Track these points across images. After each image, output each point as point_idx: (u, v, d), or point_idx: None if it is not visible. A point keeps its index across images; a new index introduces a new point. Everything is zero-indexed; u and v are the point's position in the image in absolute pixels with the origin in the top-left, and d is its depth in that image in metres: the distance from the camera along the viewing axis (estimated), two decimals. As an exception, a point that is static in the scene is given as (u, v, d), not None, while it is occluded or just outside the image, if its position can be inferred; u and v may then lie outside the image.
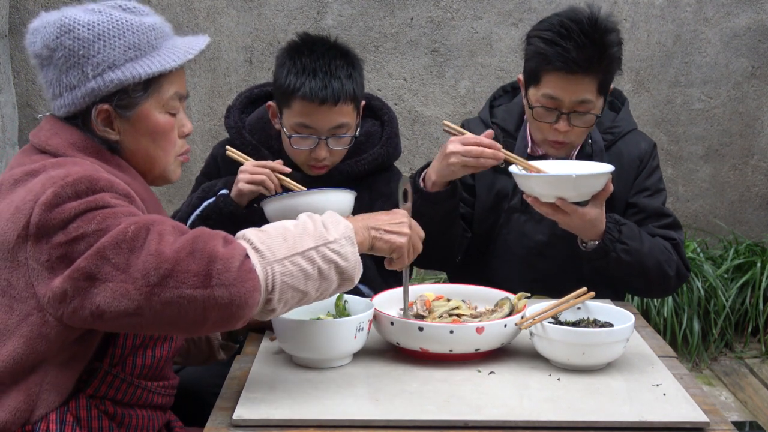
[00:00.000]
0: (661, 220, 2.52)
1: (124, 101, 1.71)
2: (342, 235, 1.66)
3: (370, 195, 2.48)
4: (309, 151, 2.37)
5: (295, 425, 1.65)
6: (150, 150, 1.77)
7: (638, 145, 2.56)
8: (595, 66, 2.33)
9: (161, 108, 1.76)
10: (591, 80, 2.35)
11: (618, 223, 2.36)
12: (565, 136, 2.41)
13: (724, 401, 3.92)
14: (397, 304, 2.10)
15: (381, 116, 2.57)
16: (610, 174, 2.23)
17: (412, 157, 4.58)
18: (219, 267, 1.51)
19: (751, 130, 4.71)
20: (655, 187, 2.56)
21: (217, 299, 1.51)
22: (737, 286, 4.39)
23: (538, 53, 2.36)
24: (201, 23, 4.44)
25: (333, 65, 2.32)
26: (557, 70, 2.33)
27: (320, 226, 1.66)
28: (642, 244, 2.38)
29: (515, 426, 1.66)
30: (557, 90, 2.36)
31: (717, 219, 4.77)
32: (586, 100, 2.36)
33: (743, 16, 4.58)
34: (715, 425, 1.68)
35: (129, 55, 1.69)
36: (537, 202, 2.26)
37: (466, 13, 4.49)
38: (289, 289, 1.59)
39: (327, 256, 1.63)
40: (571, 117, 2.38)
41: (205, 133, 4.52)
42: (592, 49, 2.32)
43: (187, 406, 2.05)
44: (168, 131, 1.78)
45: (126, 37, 1.70)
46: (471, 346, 1.90)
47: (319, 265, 1.62)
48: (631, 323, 1.91)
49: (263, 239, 1.59)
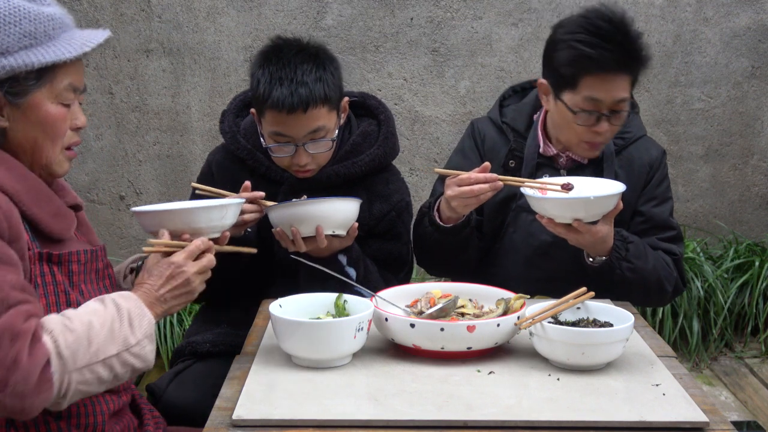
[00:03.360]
0: (666, 233, 2.53)
1: (15, 88, 1.69)
2: (144, 335, 1.69)
3: (369, 196, 2.48)
4: (290, 158, 2.34)
5: (295, 425, 1.65)
6: (39, 140, 1.74)
7: (649, 152, 2.56)
8: (631, 62, 2.35)
9: (54, 98, 1.73)
10: (626, 78, 2.36)
11: (625, 240, 2.36)
12: (603, 137, 2.41)
13: (724, 401, 3.92)
14: (403, 301, 2.11)
15: (377, 115, 2.55)
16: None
17: (412, 157, 4.58)
18: (17, 377, 1.51)
19: (751, 130, 4.71)
20: (663, 196, 2.56)
21: (7, 405, 1.52)
22: (737, 286, 4.38)
23: (576, 57, 2.34)
24: (201, 23, 4.44)
25: (300, 71, 2.27)
26: (598, 71, 2.33)
27: (126, 325, 1.67)
28: (646, 263, 2.40)
29: (515, 426, 1.66)
30: (599, 92, 2.34)
31: (717, 219, 4.77)
32: (623, 99, 2.37)
33: (743, 16, 4.57)
34: (714, 425, 1.68)
35: (23, 42, 1.68)
36: (552, 224, 2.26)
37: (466, 13, 4.49)
38: (80, 393, 1.62)
39: (127, 361, 1.66)
40: (611, 118, 2.38)
41: (205, 133, 4.52)
42: (627, 45, 2.33)
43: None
44: (58, 122, 1.75)
45: (22, 24, 1.68)
46: (462, 344, 1.91)
47: (116, 372, 1.65)
48: (630, 323, 1.91)
49: (69, 342, 1.58)
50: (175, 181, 4.51)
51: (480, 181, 2.27)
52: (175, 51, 4.45)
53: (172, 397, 2.29)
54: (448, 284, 2.22)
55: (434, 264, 2.66)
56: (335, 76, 2.35)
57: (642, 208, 2.53)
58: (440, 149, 4.59)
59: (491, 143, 2.62)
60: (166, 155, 4.51)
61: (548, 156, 2.54)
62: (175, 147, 4.51)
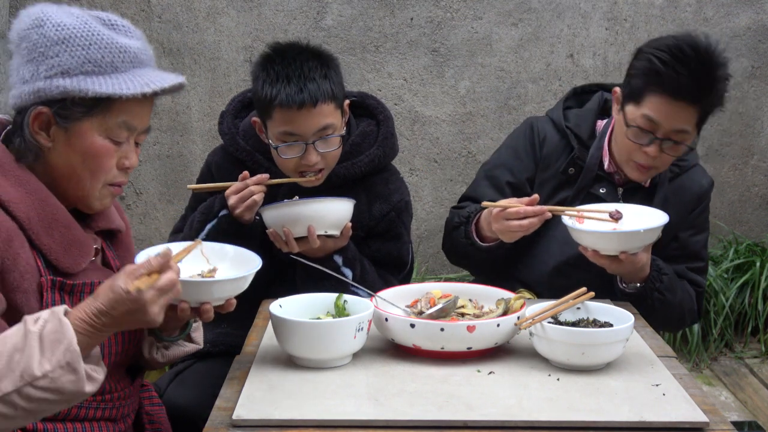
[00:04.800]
0: (695, 263, 2.54)
1: (65, 111, 1.64)
2: (57, 365, 1.46)
3: (368, 196, 2.47)
4: (299, 159, 2.32)
5: (295, 425, 1.65)
6: (77, 169, 1.69)
7: (700, 183, 2.55)
8: (702, 97, 2.28)
9: (103, 131, 1.67)
10: (694, 111, 2.30)
11: (660, 272, 2.36)
12: (652, 161, 2.36)
13: (724, 401, 3.92)
14: (403, 301, 2.11)
15: (376, 115, 2.54)
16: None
17: (412, 157, 4.58)
18: None
19: (751, 130, 4.71)
20: (702, 226, 2.56)
21: None
22: (737, 286, 4.38)
23: (649, 71, 2.30)
24: (201, 23, 4.44)
25: (306, 68, 2.27)
26: (664, 93, 2.28)
27: (30, 354, 1.45)
28: (675, 296, 2.41)
29: (514, 426, 1.66)
30: (659, 114, 2.30)
31: (717, 219, 4.76)
32: (684, 130, 2.32)
33: (743, 16, 4.57)
34: (714, 425, 1.68)
35: (85, 67, 1.63)
36: (597, 255, 2.24)
37: (466, 13, 4.49)
38: None
39: (33, 396, 1.46)
40: (663, 144, 2.33)
41: (205, 133, 4.51)
42: (704, 79, 2.27)
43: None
44: (101, 156, 1.68)
45: (90, 49, 1.63)
46: (462, 344, 1.91)
47: (23, 407, 1.46)
48: (630, 323, 1.91)
49: None
50: (175, 182, 4.51)
51: (529, 214, 2.24)
52: (175, 51, 4.45)
53: (172, 396, 2.29)
54: (448, 284, 2.22)
55: (461, 264, 2.67)
56: (338, 75, 2.35)
57: (680, 234, 2.52)
58: (440, 149, 4.59)
59: (551, 147, 2.55)
60: (166, 155, 4.51)
61: (608, 173, 2.50)
62: (175, 147, 4.51)
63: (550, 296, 2.09)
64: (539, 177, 2.55)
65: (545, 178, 2.54)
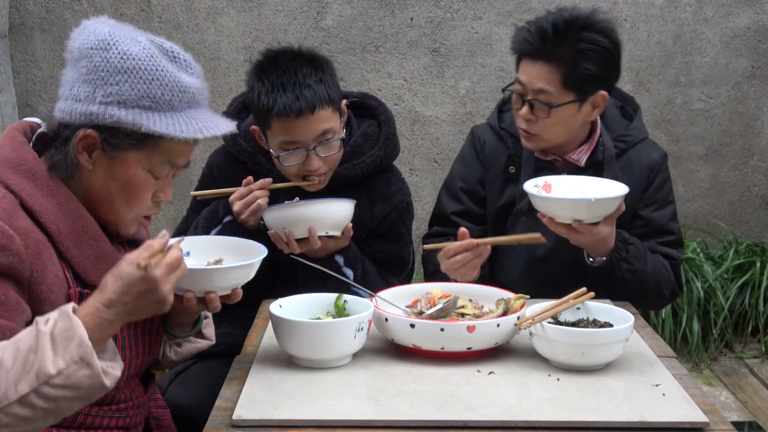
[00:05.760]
0: (665, 237, 2.53)
1: (114, 140, 1.62)
2: (71, 360, 1.47)
3: (370, 197, 2.48)
4: (301, 165, 2.33)
5: (295, 425, 1.65)
6: (114, 196, 1.68)
7: (649, 156, 2.55)
8: (554, 55, 2.33)
9: (147, 165, 1.67)
10: (552, 70, 2.35)
11: (626, 242, 2.36)
12: (528, 125, 2.41)
13: (724, 401, 3.92)
14: (403, 301, 2.11)
15: (378, 116, 2.54)
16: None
17: (412, 157, 4.58)
18: None
19: (751, 130, 4.71)
20: (664, 200, 2.55)
21: None
22: (737, 287, 4.38)
23: (514, 36, 2.41)
24: (201, 23, 4.44)
25: (300, 74, 2.27)
26: (522, 54, 2.39)
27: (43, 354, 1.46)
28: (645, 265, 2.40)
29: (514, 426, 1.66)
30: (522, 75, 2.40)
31: (717, 219, 4.76)
32: (544, 90, 2.36)
33: (743, 16, 4.57)
34: (714, 425, 1.68)
35: (143, 102, 1.60)
36: (552, 222, 2.26)
37: (466, 13, 4.49)
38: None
39: (50, 395, 1.46)
40: (534, 106, 2.38)
41: (205, 133, 4.51)
42: (554, 37, 2.33)
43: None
44: (140, 188, 1.68)
45: (151, 84, 1.60)
46: (463, 344, 1.91)
47: (42, 407, 1.47)
48: (630, 323, 1.91)
49: None
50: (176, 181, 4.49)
51: (459, 250, 2.28)
52: (175, 51, 4.45)
53: (173, 396, 2.29)
54: (448, 284, 2.22)
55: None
56: (333, 77, 2.35)
57: (642, 212, 2.52)
58: (440, 149, 4.59)
59: (491, 150, 2.61)
60: (166, 155, 4.51)
61: (547, 160, 2.53)
62: (175, 147, 4.51)
63: (527, 294, 2.09)
64: (486, 178, 2.61)
65: (491, 179, 2.59)
